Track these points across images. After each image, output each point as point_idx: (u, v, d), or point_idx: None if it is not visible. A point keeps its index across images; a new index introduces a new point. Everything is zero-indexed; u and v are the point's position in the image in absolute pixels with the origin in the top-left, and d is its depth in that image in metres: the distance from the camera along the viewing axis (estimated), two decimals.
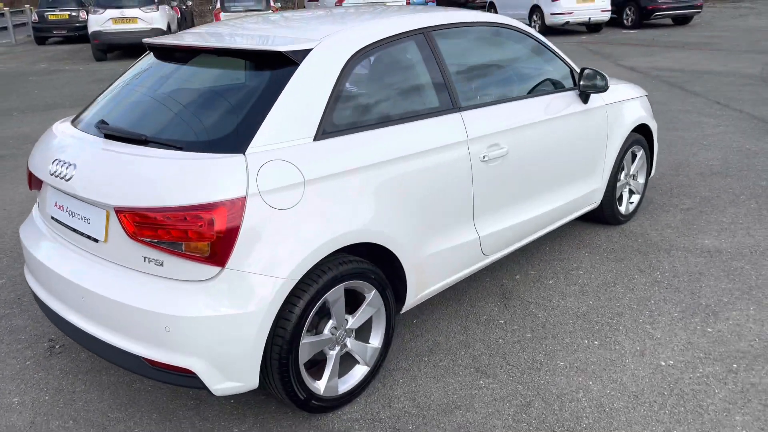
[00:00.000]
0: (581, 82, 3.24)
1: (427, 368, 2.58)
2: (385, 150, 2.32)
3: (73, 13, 17.34)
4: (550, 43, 3.28)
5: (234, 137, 2.03)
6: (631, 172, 3.89)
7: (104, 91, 2.65)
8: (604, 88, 3.22)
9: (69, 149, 2.26)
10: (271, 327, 2.04)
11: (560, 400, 2.36)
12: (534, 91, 3.11)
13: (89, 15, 13.44)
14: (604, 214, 3.80)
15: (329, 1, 13.96)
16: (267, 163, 2.01)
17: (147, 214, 1.93)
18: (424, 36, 2.64)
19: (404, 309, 2.57)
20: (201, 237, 1.90)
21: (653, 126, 3.96)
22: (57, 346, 2.82)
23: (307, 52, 2.24)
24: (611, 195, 3.71)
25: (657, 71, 9.76)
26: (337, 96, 2.26)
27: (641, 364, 2.55)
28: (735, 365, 2.51)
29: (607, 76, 3.25)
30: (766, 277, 3.20)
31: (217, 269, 1.94)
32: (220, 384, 1.99)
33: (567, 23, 15.25)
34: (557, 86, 3.26)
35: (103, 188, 2.03)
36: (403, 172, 2.37)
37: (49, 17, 17.33)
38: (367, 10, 2.85)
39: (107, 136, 2.23)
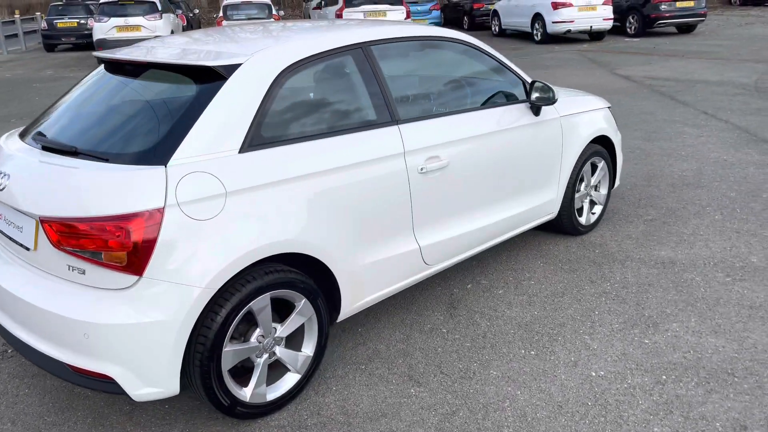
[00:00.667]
0: (531, 95, 3.28)
1: (362, 376, 2.63)
2: (316, 162, 2.38)
3: (82, 21, 17.66)
4: (501, 56, 3.33)
5: (157, 150, 2.11)
6: (591, 183, 3.92)
7: (54, 103, 2.75)
8: (551, 101, 3.26)
9: (9, 161, 2.35)
10: (191, 335, 2.11)
11: (485, 409, 2.40)
12: (483, 104, 3.16)
13: (94, 23, 13.69)
14: (563, 225, 3.83)
15: (330, 11, 14.11)
16: (187, 175, 2.08)
17: (69, 223, 2.00)
18: (363, 51, 2.70)
19: (340, 318, 2.62)
20: (119, 247, 1.97)
21: (615, 138, 3.99)
22: (9, 351, 2.91)
23: (236, 66, 2.31)
24: (569, 206, 3.74)
25: (651, 80, 9.75)
26: (266, 110, 2.33)
27: (572, 374, 2.58)
28: (664, 377, 2.54)
29: (554, 88, 3.29)
30: (714, 289, 3.21)
31: (135, 278, 2.01)
32: (139, 390, 2.05)
33: (569, 31, 15.26)
34: (510, 99, 3.31)
35: (32, 198, 2.12)
36: (335, 183, 2.43)
37: (58, 25, 17.66)
38: (309, 26, 2.92)
39: (44, 148, 2.32)
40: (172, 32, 14.30)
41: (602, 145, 3.98)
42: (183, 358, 2.13)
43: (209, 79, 2.29)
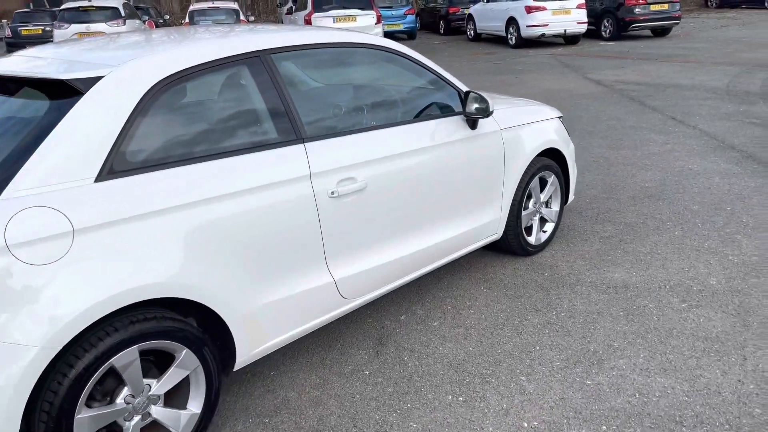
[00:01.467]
0: (466, 107, 2.98)
1: (265, 431, 2.31)
2: (197, 190, 2.05)
3: (47, 28, 17.19)
4: (433, 65, 3.03)
5: None
6: (541, 200, 3.63)
7: None
8: (486, 113, 2.95)
9: None
10: (29, 402, 1.77)
11: None
12: (410, 118, 2.85)
13: (54, 30, 13.26)
14: (510, 245, 3.53)
15: (300, 16, 13.81)
16: (23, 212, 1.74)
17: None
18: (261, 59, 2.38)
19: (237, 366, 2.29)
20: None
21: (567, 150, 3.70)
22: None
23: (95, 80, 1.98)
24: (516, 225, 3.44)
25: (622, 84, 9.54)
26: (133, 130, 2.00)
27: (502, 425, 2.27)
28: (604, 427, 2.23)
29: (489, 99, 2.98)
30: (668, 318, 2.92)
31: None
32: None
33: (543, 35, 15.07)
34: (444, 111, 3.00)
35: None
36: (222, 214, 2.11)
37: (23, 32, 17.19)
38: (206, 32, 2.60)
39: None
40: None
41: (552, 158, 3.70)
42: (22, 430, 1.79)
43: (63, 94, 1.96)
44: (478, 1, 18.70)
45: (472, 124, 3.05)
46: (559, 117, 3.75)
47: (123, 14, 13.58)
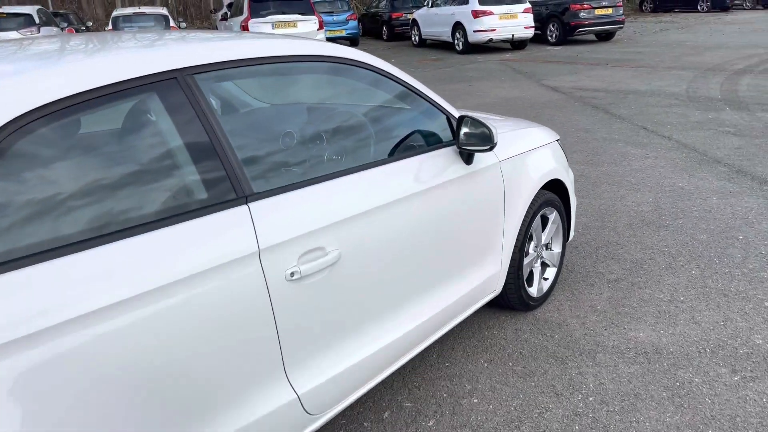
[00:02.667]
0: (460, 136, 2.28)
1: None
2: (53, 306, 1.26)
3: None
4: (415, 82, 2.32)
5: None
6: (543, 242, 2.98)
7: None
8: (489, 144, 2.27)
9: None
10: None
11: None
12: (392, 154, 2.14)
13: None
14: (509, 300, 2.86)
15: (236, 23, 12.87)
16: None
17: None
18: (180, 82, 1.61)
19: None
20: None
21: (568, 179, 3.07)
22: None
23: None
24: (516, 277, 2.77)
25: (581, 91, 9.14)
26: None
27: None
28: None
29: (493, 127, 2.30)
30: (723, 399, 2.31)
31: None
32: None
33: (491, 41, 14.69)
34: (429, 141, 2.30)
35: None
36: (107, 332, 1.33)
37: None
38: (99, 44, 1.80)
39: None
40: None
41: (553, 190, 3.05)
42: None
43: None
44: (422, 5, 18.24)
45: (468, 157, 2.36)
46: (557, 140, 3.11)
47: (37, 21, 12.29)
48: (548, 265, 3.10)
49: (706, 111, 7.33)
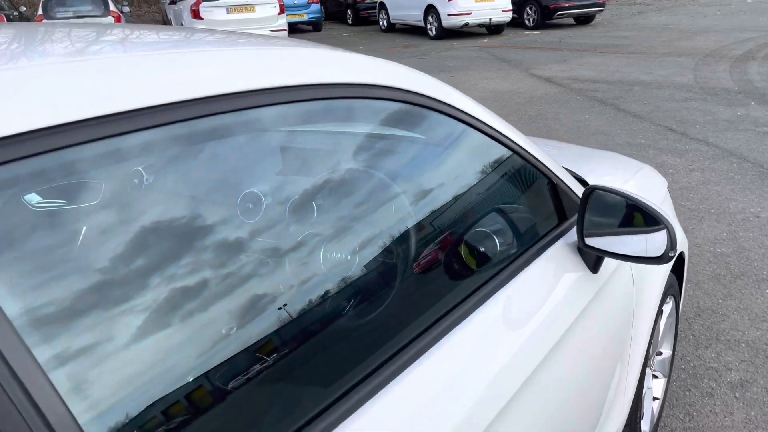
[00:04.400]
0: (583, 233, 1.18)
1: None
2: None
3: None
4: (512, 133, 1.20)
5: None
6: (657, 349, 1.92)
7: None
8: (668, 258, 1.16)
9: None
10: None
11: None
12: (483, 282, 1.02)
13: None
14: None
15: (185, 6, 11.44)
16: None
17: None
18: None
19: None
20: None
21: (685, 245, 2.01)
22: None
23: None
24: (635, 416, 1.71)
25: (578, 82, 8.14)
26: None
27: None
28: None
29: (666, 216, 1.19)
30: None
31: None
32: None
33: (466, 25, 13.59)
34: (521, 235, 1.19)
35: None
36: None
37: None
38: None
39: None
40: None
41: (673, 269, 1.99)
42: None
43: None
44: None
45: (595, 263, 1.26)
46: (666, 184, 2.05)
47: None
48: (656, 376, 2.05)
49: (731, 106, 6.41)
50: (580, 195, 1.28)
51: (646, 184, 1.88)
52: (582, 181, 1.53)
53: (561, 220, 1.30)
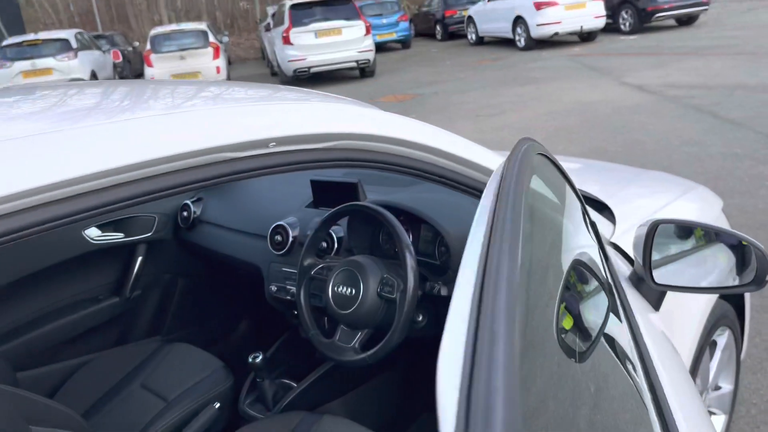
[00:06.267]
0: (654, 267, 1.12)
1: None
2: None
3: None
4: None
5: None
6: (710, 383, 1.78)
7: None
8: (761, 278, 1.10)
9: None
10: None
11: None
12: None
13: None
14: None
15: (278, 33, 12.01)
16: None
17: None
18: None
19: None
20: None
21: None
22: None
23: None
24: None
25: (674, 89, 7.68)
26: None
27: None
28: None
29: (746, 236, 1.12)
30: None
31: None
32: None
33: (556, 34, 13.25)
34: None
35: None
36: None
37: None
38: None
39: None
40: (93, 72, 12.14)
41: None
42: None
43: None
44: (477, 1, 16.95)
45: (658, 299, 1.21)
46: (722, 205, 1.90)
47: (75, 46, 11.82)
48: (714, 412, 1.89)
49: None
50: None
51: (698, 205, 1.76)
52: (602, 205, 1.46)
53: (604, 256, 1.24)
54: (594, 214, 1.32)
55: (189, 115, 0.80)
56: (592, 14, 13.12)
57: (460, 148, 1.03)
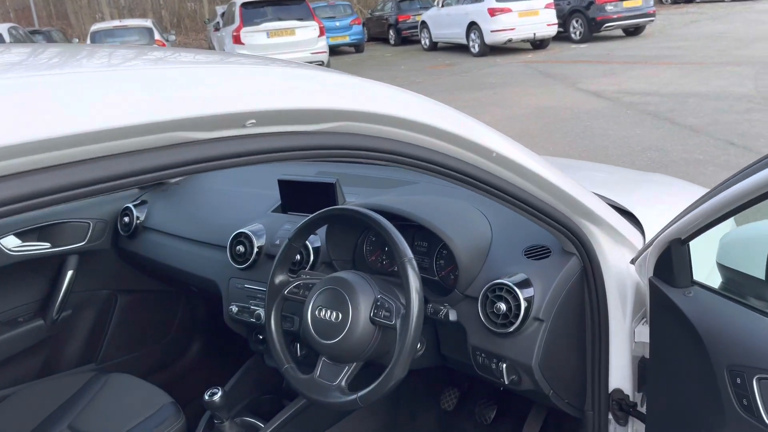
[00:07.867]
0: None
1: None
2: None
3: None
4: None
5: None
6: None
7: None
8: None
9: None
10: None
11: None
12: None
13: None
14: None
15: (227, 33, 11.59)
16: None
17: None
18: None
19: None
20: None
21: None
22: None
23: None
24: None
25: (628, 96, 7.74)
26: None
27: None
28: None
29: None
30: None
31: None
32: None
33: (510, 40, 13.32)
34: None
35: None
36: None
37: None
38: None
39: None
40: None
41: None
42: None
43: None
44: (430, 6, 16.93)
45: None
46: None
47: (7, 41, 11.06)
48: None
49: None
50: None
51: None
52: (626, 213, 1.27)
53: None
54: (625, 225, 1.12)
55: (130, 73, 0.54)
56: (545, 22, 13.26)
57: (518, 155, 0.81)
